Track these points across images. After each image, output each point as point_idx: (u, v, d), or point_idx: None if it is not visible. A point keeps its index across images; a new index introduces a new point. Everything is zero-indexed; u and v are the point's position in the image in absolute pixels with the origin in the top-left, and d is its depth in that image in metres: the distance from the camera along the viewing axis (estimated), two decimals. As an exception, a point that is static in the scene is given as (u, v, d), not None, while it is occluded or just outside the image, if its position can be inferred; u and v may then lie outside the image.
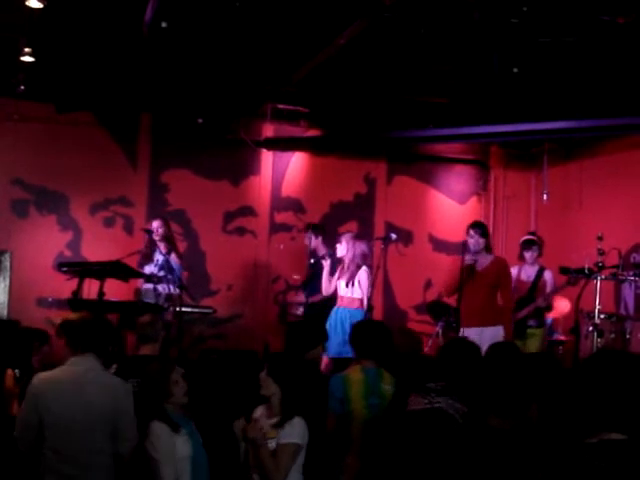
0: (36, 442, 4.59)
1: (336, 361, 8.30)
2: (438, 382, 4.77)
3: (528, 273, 9.09)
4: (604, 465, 2.90)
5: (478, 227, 8.08)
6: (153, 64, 9.17)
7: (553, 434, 3.89)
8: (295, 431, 4.62)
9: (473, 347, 5.03)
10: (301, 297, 9.81)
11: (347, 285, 8.80)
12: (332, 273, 9.11)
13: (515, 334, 8.11)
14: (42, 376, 4.70)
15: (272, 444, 4.58)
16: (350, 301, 8.78)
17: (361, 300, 8.77)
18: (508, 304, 8.03)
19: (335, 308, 8.83)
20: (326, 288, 9.03)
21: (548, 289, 9.00)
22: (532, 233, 9.56)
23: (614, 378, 3.10)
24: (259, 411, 4.80)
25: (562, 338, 9.59)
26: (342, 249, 8.89)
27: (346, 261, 8.86)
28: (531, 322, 8.84)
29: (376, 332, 5.65)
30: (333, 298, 8.99)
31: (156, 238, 9.24)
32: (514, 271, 8.77)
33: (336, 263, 9.09)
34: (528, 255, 9.13)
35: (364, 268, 8.90)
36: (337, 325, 8.58)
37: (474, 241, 7.91)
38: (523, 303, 8.82)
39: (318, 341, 5.97)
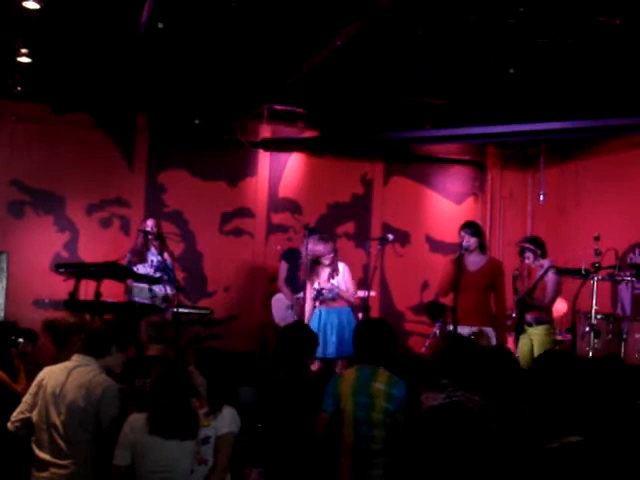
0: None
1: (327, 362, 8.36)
2: (450, 378, 4.81)
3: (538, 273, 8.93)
4: (564, 469, 2.92)
5: (468, 227, 8.11)
6: (150, 65, 9.16)
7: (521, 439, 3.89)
8: (229, 420, 4.73)
9: (472, 343, 5.06)
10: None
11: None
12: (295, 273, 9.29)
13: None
14: (46, 369, 5.09)
15: (205, 432, 4.66)
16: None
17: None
18: (501, 307, 8.01)
19: (326, 309, 8.68)
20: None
21: (548, 289, 8.85)
22: (527, 240, 9.32)
23: (562, 380, 3.11)
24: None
25: (559, 338, 9.56)
26: (327, 248, 8.78)
27: (330, 259, 8.78)
28: (529, 319, 8.70)
29: (379, 336, 5.56)
30: None
31: (150, 237, 9.23)
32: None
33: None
34: (525, 261, 8.99)
35: (344, 263, 8.87)
36: (333, 326, 8.52)
37: (465, 241, 7.96)
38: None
39: (313, 346, 5.99)
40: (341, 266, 8.78)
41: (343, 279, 8.71)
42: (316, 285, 8.65)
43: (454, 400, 4.50)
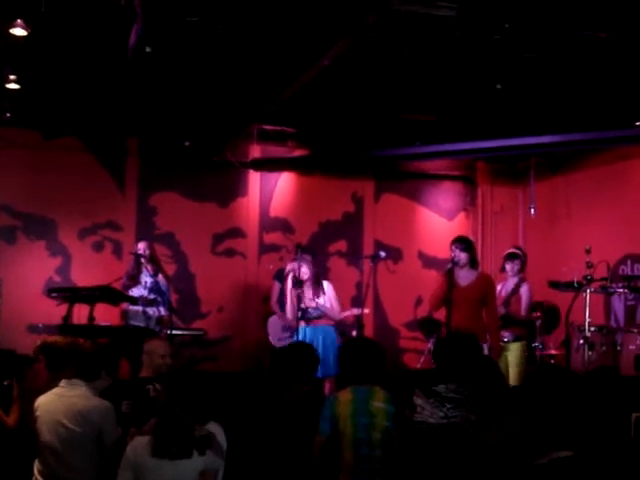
0: None
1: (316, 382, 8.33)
2: (448, 384, 4.80)
3: (508, 288, 8.97)
4: None
5: (459, 242, 8.06)
6: (138, 88, 9.17)
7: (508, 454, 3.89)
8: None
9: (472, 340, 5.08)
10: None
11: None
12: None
13: None
14: (40, 398, 5.12)
15: None
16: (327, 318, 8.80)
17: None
18: (493, 321, 7.93)
19: (312, 328, 8.67)
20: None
21: (523, 303, 8.87)
22: (517, 248, 9.47)
23: (554, 395, 3.11)
24: None
25: (553, 352, 9.58)
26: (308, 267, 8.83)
27: (312, 277, 8.83)
28: (506, 336, 8.58)
29: (369, 355, 5.56)
30: None
31: (143, 260, 9.22)
32: (498, 287, 8.71)
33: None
34: (509, 267, 8.98)
35: (327, 282, 8.95)
36: (319, 346, 8.44)
37: (456, 257, 7.93)
38: None
39: (314, 368, 5.94)
40: (325, 284, 8.86)
41: (328, 297, 8.77)
42: (302, 305, 8.67)
43: (452, 422, 4.50)
